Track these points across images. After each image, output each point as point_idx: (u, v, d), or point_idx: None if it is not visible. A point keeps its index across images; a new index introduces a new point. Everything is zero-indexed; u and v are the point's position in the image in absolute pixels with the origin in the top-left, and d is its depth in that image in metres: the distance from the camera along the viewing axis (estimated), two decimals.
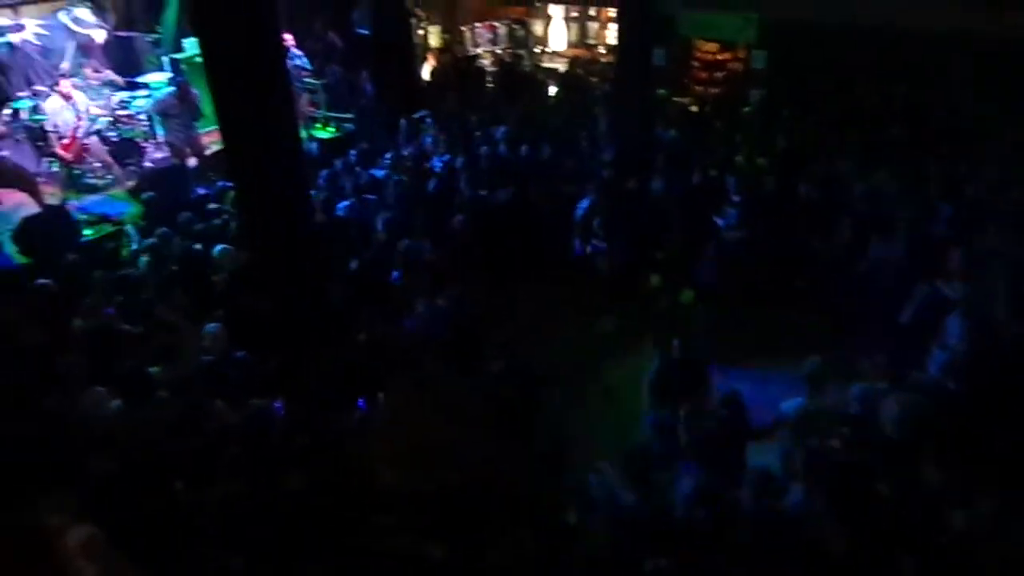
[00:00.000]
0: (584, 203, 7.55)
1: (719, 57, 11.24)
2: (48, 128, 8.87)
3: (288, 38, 9.98)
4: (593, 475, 3.92)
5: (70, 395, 4.72)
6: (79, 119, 8.98)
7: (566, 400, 5.70)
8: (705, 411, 4.45)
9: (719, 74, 11.34)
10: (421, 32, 13.53)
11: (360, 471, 4.16)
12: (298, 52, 10.90)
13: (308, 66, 10.90)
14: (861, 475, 3.62)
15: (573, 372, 6.20)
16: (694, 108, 10.99)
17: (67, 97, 8.97)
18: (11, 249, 7.76)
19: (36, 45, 10.51)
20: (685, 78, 11.48)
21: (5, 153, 8.67)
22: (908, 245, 6.23)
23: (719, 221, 7.24)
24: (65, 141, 8.89)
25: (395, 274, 6.51)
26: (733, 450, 4.39)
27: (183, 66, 10.54)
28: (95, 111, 9.37)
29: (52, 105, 8.91)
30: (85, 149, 9.12)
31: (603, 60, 13.18)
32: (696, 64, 11.43)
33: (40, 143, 9.10)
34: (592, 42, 13.76)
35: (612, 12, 11.88)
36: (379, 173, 8.60)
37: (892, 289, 5.84)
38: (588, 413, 5.78)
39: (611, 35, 12.89)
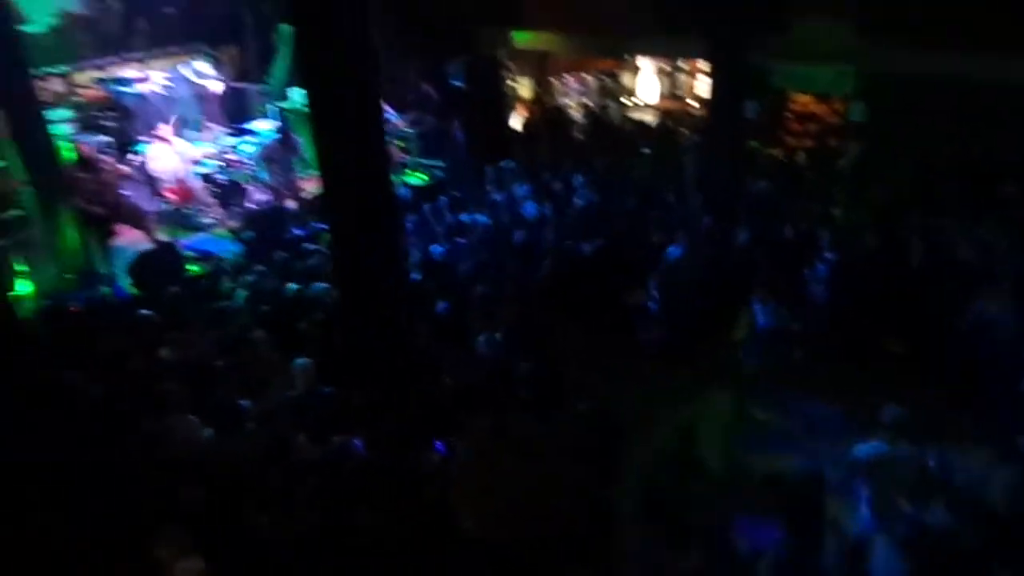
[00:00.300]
0: (671, 251, 7.46)
1: (814, 109, 11.02)
2: (156, 171, 9.53)
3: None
4: None
5: (166, 422, 4.95)
6: (184, 163, 9.62)
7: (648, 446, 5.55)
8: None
9: (814, 126, 11.10)
10: (511, 83, 13.87)
11: (438, 514, 4.16)
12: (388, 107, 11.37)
13: (398, 117, 11.34)
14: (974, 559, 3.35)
15: (653, 418, 6.06)
16: (787, 160, 10.77)
17: (173, 143, 9.65)
18: (125, 282, 8.31)
19: (160, 95, 11.39)
20: (778, 130, 11.28)
21: (128, 193, 9.33)
22: (1017, 304, 5.85)
23: (809, 274, 7.01)
24: (172, 185, 9.54)
25: (480, 317, 6.58)
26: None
27: (289, 115, 11.15)
28: (199, 156, 9.99)
29: (160, 151, 9.57)
30: (190, 191, 9.74)
31: (693, 112, 13.14)
32: (790, 116, 11.24)
33: (154, 184, 9.78)
34: (682, 94, 13.76)
35: (704, 64, 11.86)
36: (466, 218, 8.79)
37: (1000, 351, 5.48)
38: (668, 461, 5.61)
39: (702, 87, 12.86)
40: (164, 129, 9.79)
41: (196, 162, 9.82)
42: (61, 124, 10.52)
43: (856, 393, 6.02)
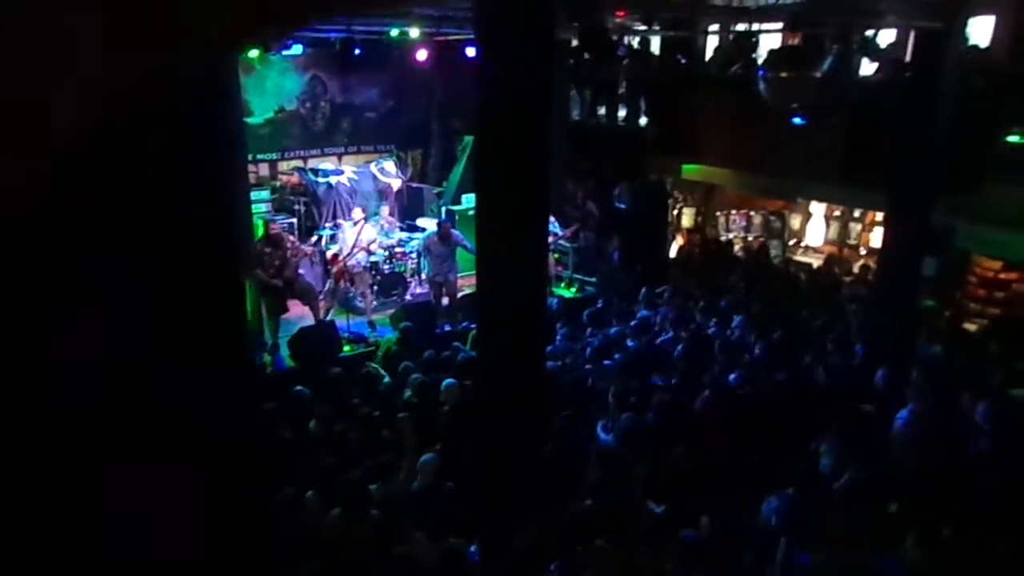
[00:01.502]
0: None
1: (1003, 276, 10.23)
2: (332, 252, 10.25)
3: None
4: None
5: (298, 497, 5.12)
6: (357, 249, 10.29)
7: None
8: None
9: (1000, 294, 10.27)
10: (675, 212, 13.99)
11: None
12: (552, 219, 11.77)
13: (560, 231, 11.69)
14: None
15: None
16: (967, 326, 9.97)
17: (359, 229, 10.38)
18: (285, 353, 8.89)
19: (347, 187, 12.49)
20: (959, 293, 10.54)
21: (302, 271, 10.13)
22: None
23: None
24: (340, 266, 10.23)
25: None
26: None
27: (457, 216, 11.83)
28: (375, 247, 10.68)
29: (347, 235, 10.35)
30: (351, 276, 10.36)
31: (861, 261, 12.60)
32: (973, 280, 10.49)
33: (328, 266, 10.56)
34: (853, 242, 13.27)
35: (879, 216, 11.44)
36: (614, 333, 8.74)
37: None
38: None
39: (875, 238, 12.35)
40: (357, 213, 10.55)
41: (367, 251, 10.51)
42: (260, 204, 11.76)
43: None
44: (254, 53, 10.77)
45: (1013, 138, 8.82)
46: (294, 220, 11.98)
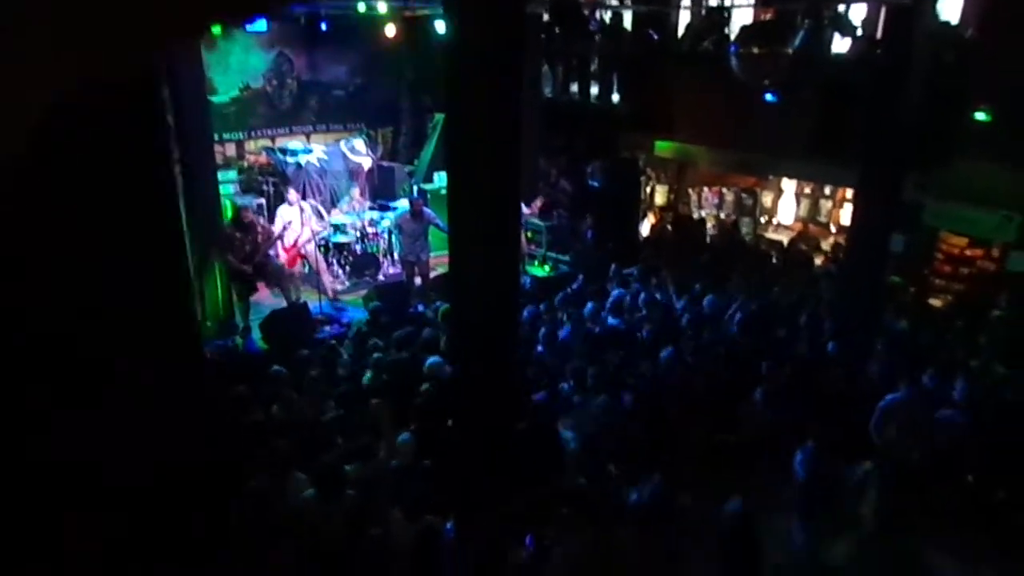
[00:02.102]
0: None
1: (968, 253, 10.39)
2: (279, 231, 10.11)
3: None
4: None
5: (276, 476, 5.08)
6: (303, 228, 10.16)
7: None
8: None
9: (966, 270, 10.45)
10: (648, 189, 14.01)
11: None
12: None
13: (524, 208, 11.62)
14: None
15: None
16: (933, 302, 10.14)
17: (303, 210, 10.25)
18: (257, 336, 8.79)
19: (317, 166, 12.29)
20: (925, 270, 10.70)
21: (273, 253, 9.97)
22: None
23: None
24: (287, 246, 10.11)
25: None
26: None
27: (429, 195, 11.73)
28: (317, 227, 10.50)
29: (286, 212, 10.20)
30: (302, 256, 10.28)
31: (832, 239, 12.74)
32: (940, 257, 10.65)
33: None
34: (823, 220, 13.40)
35: (849, 193, 11.56)
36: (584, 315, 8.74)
37: None
38: None
39: (845, 215, 12.49)
40: (292, 195, 10.42)
41: (318, 233, 10.41)
42: (227, 184, 11.53)
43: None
44: (216, 29, 10.51)
45: (980, 115, 8.92)
46: (263, 201, 11.78)
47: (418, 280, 10.47)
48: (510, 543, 4.86)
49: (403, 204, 11.42)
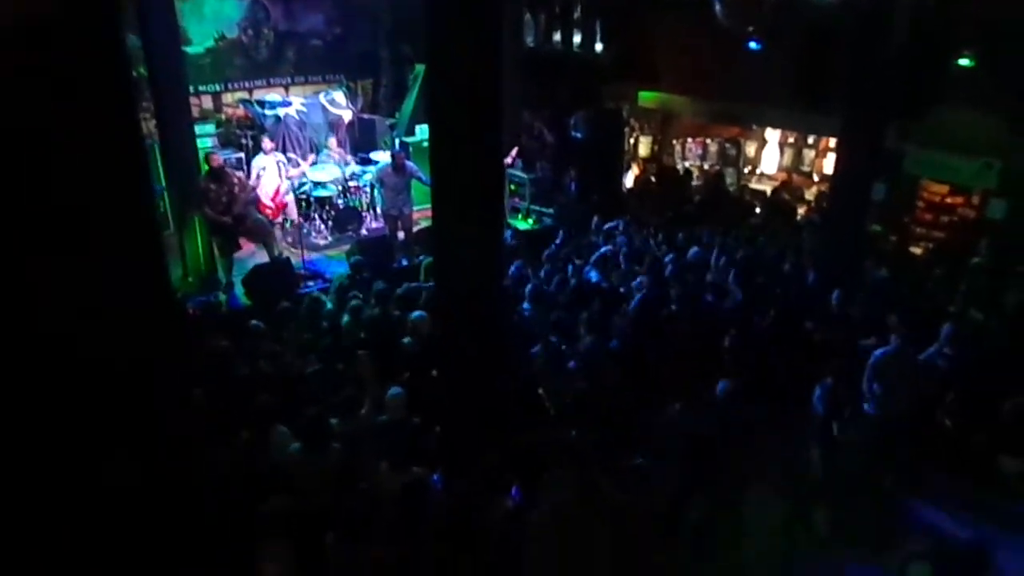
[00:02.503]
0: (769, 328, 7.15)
1: (949, 200, 10.46)
2: (256, 185, 10.03)
3: None
4: None
5: (262, 431, 5.11)
6: (282, 179, 10.10)
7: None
8: None
9: (946, 218, 10.53)
10: (632, 140, 13.91)
11: (507, 563, 4.07)
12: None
13: (515, 161, 11.54)
14: None
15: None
16: (914, 250, 10.24)
17: (278, 160, 10.18)
18: (240, 291, 8.75)
19: (296, 119, 12.06)
20: (906, 218, 10.78)
21: (254, 207, 9.86)
22: None
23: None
24: (271, 195, 10.05)
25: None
26: None
27: (411, 148, 11.57)
28: (293, 173, 10.46)
29: (260, 161, 10.08)
30: (283, 206, 10.24)
31: (814, 188, 12.77)
32: (921, 204, 10.72)
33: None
34: (807, 169, 13.40)
35: (831, 143, 11.54)
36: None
37: None
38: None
39: (828, 165, 12.49)
40: (267, 144, 10.33)
41: (297, 182, 10.38)
42: (205, 138, 11.31)
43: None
44: None
45: (963, 61, 8.88)
46: (242, 155, 11.58)
47: (401, 234, 10.40)
48: (496, 494, 4.94)
49: (385, 158, 11.26)
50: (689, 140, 13.91)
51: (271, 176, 10.10)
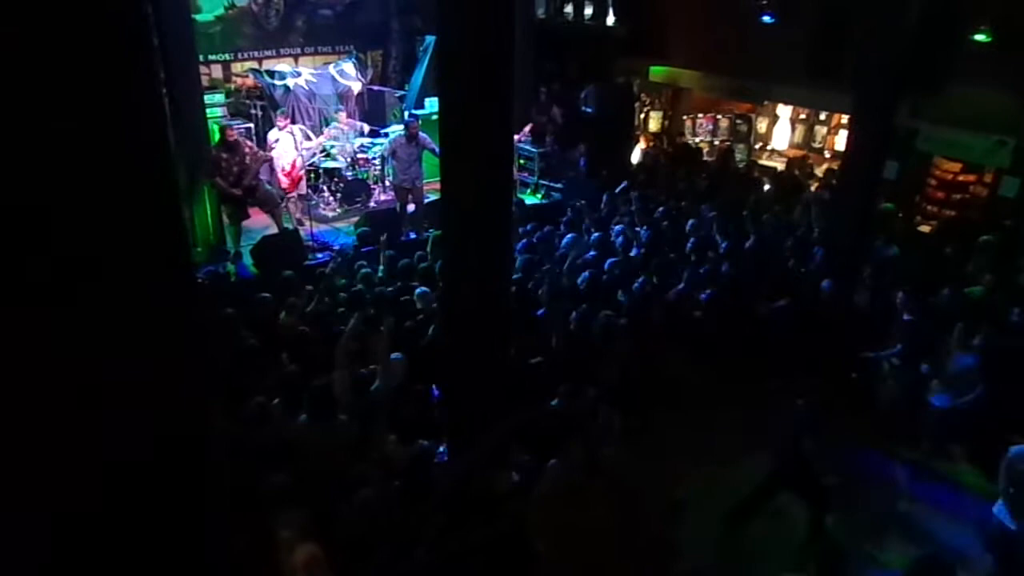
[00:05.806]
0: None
1: (961, 178, 10.37)
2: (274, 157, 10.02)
3: None
4: None
5: (268, 402, 5.16)
6: (298, 152, 10.08)
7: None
8: None
9: (958, 196, 10.45)
10: (642, 115, 13.81)
11: (510, 534, 4.13)
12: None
13: (524, 136, 11.48)
14: None
15: None
16: (924, 228, 10.18)
17: (294, 134, 10.13)
18: (248, 261, 8.79)
19: (305, 90, 12.02)
20: (918, 195, 10.70)
21: (264, 178, 9.87)
22: None
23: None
24: (287, 170, 10.04)
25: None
26: None
27: (420, 120, 11.51)
28: (309, 145, 10.42)
29: (276, 135, 10.06)
30: (299, 179, 10.22)
31: (826, 165, 12.67)
32: (933, 183, 10.62)
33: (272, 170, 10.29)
34: (818, 146, 13.29)
35: (844, 119, 11.43)
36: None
37: None
38: None
39: (839, 141, 12.37)
40: (282, 121, 10.29)
41: (312, 154, 10.33)
42: (215, 107, 11.29)
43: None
44: None
45: (979, 36, 8.74)
46: (251, 125, 11.56)
47: (411, 207, 10.39)
48: (500, 466, 5.00)
49: (396, 129, 11.23)
50: (700, 116, 13.79)
51: (287, 148, 10.07)
